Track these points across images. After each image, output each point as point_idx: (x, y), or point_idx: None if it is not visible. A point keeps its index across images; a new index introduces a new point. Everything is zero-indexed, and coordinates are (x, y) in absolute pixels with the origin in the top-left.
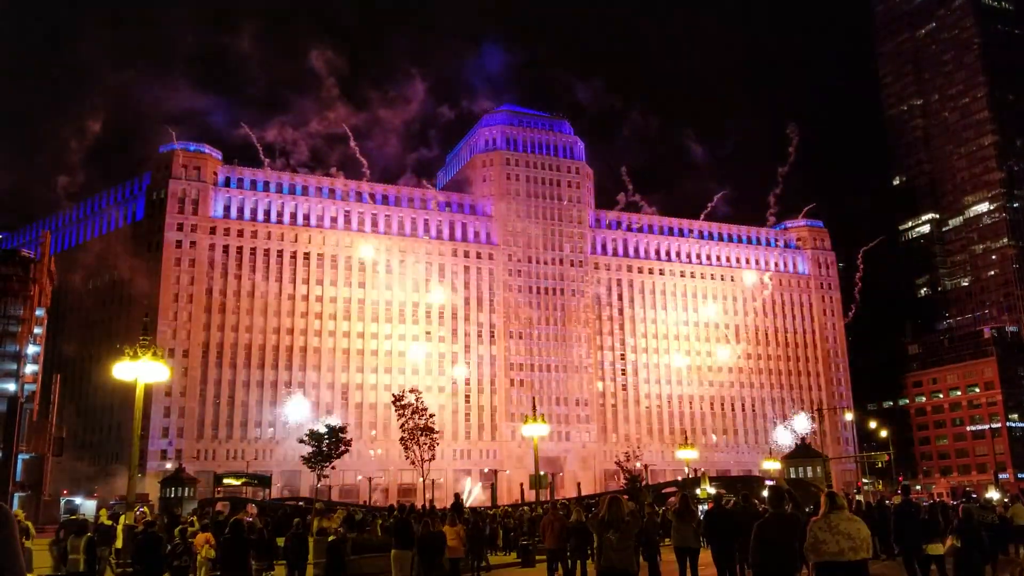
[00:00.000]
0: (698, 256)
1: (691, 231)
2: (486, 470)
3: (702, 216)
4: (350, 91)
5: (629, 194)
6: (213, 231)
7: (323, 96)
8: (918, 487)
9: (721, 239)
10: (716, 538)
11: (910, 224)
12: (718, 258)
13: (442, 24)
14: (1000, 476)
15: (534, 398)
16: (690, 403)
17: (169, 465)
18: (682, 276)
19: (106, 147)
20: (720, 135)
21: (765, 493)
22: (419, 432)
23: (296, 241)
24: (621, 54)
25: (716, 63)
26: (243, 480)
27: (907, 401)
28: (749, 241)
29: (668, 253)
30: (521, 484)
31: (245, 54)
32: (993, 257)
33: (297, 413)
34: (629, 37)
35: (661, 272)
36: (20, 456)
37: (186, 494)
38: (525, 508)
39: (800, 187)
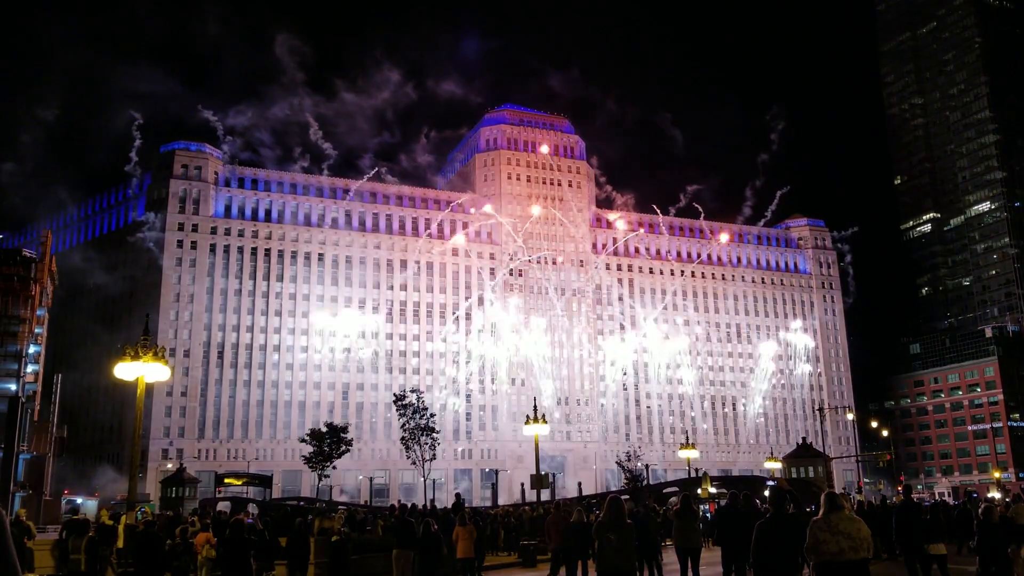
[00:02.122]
0: (699, 255)
1: (692, 230)
2: (487, 470)
3: (672, 212)
4: (323, 84)
5: (602, 187)
6: (214, 231)
7: (288, 84)
8: (919, 487)
9: (724, 238)
10: (727, 538)
11: (911, 223)
12: (719, 257)
13: (416, 11)
14: (1002, 476)
15: (535, 398)
16: (691, 403)
17: (170, 465)
18: (683, 275)
19: (105, 145)
20: (714, 133)
21: (767, 493)
22: (420, 432)
23: (297, 241)
24: (606, 45)
25: (712, 60)
26: (244, 480)
27: (908, 401)
28: (750, 240)
29: (669, 252)
30: (522, 484)
31: (217, 42)
32: (994, 256)
33: (298, 412)
34: (617, 29)
35: (662, 271)
36: (21, 456)
37: (187, 494)
38: (526, 508)
39: (801, 187)
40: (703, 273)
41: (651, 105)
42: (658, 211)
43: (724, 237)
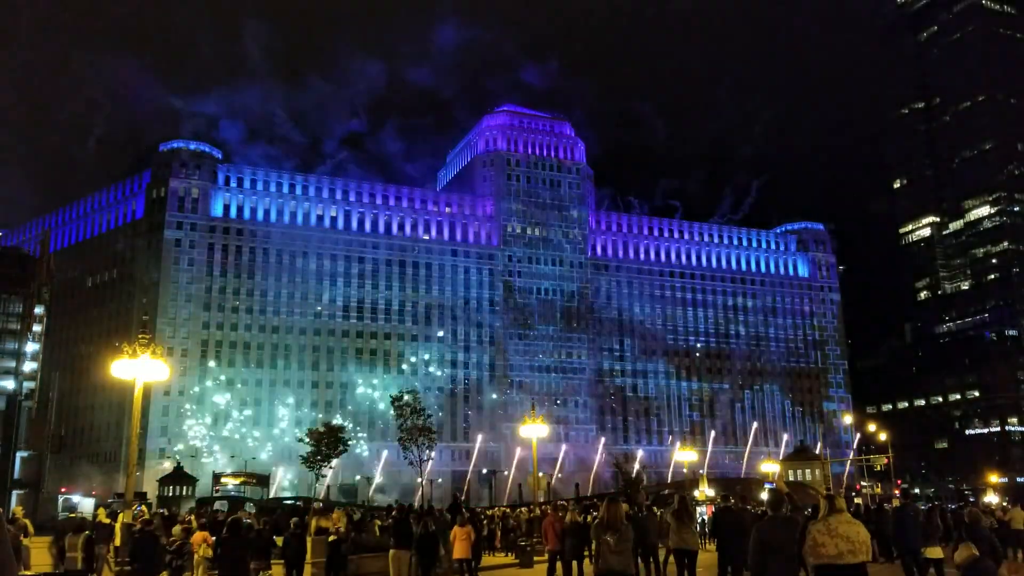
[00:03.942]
0: (698, 258)
1: (691, 233)
2: (484, 471)
3: (648, 210)
4: (297, 74)
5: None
6: (213, 230)
7: (261, 74)
8: (916, 490)
9: (722, 241)
10: (724, 540)
11: (911, 227)
12: (718, 260)
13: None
14: (999, 480)
15: (533, 399)
16: (690, 405)
17: (167, 463)
18: (682, 277)
19: (104, 144)
20: (709, 135)
21: (764, 495)
22: (417, 432)
23: (296, 240)
24: (589, 36)
25: (709, 63)
26: (242, 479)
27: (906, 404)
28: (750, 243)
29: (668, 255)
30: (519, 485)
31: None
32: (994, 261)
33: (296, 412)
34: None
35: (661, 273)
36: (19, 453)
37: (184, 493)
38: (523, 509)
39: (801, 189)
40: (702, 275)
41: (649, 106)
42: (653, 213)
43: (722, 239)
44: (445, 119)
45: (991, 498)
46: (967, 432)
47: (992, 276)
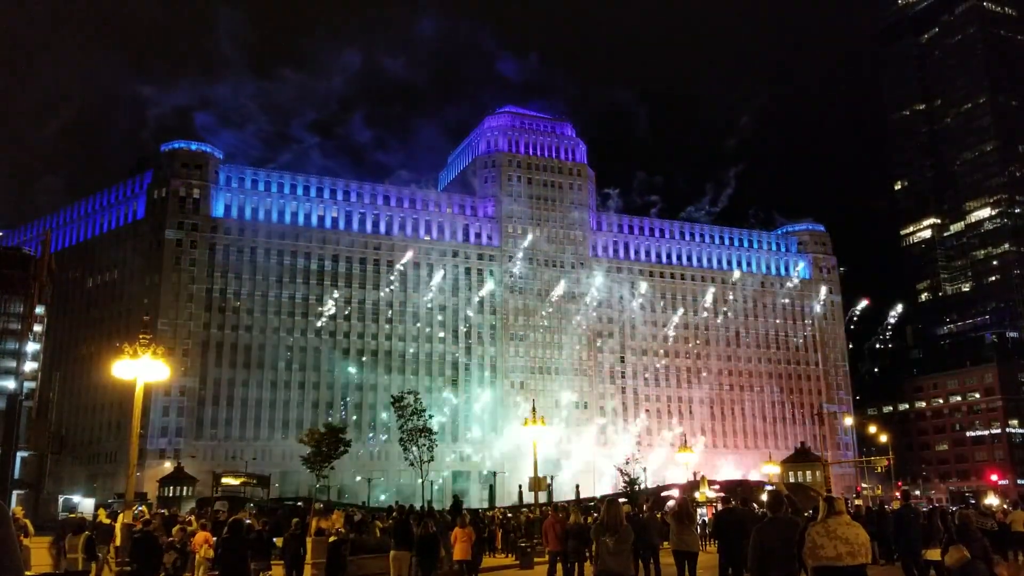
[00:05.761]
0: (699, 259)
1: (692, 234)
2: (484, 472)
3: (623, 207)
4: (272, 65)
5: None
6: (214, 230)
7: (234, 65)
8: (917, 492)
9: (723, 242)
10: (725, 541)
11: (912, 229)
12: (719, 261)
13: None
14: (1000, 482)
15: (533, 400)
16: (690, 406)
17: (168, 464)
18: (683, 279)
19: (104, 144)
20: (705, 135)
21: (764, 497)
22: (418, 433)
23: (297, 240)
24: (575, 28)
25: (703, 59)
26: (242, 480)
27: (907, 406)
28: (751, 244)
29: (669, 256)
30: (520, 486)
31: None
32: (995, 263)
33: (296, 413)
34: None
35: (662, 275)
36: (19, 454)
37: (185, 493)
38: (524, 510)
39: (802, 190)
40: (703, 276)
41: (637, 101)
42: (656, 214)
43: (724, 240)
44: (438, 116)
45: (992, 500)
46: (968, 434)
47: (993, 278)
